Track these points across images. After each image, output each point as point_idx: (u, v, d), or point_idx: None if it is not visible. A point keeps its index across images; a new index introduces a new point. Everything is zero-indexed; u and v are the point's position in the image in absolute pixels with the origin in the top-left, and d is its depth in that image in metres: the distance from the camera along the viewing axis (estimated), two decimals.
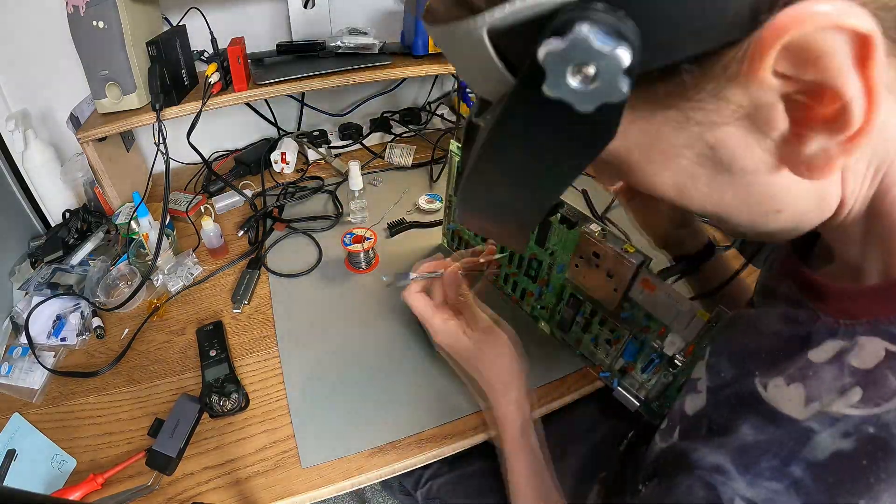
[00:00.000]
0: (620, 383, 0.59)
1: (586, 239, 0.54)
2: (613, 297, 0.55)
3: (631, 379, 0.59)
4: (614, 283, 0.54)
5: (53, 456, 0.55)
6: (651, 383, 0.56)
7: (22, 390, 0.62)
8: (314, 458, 0.55)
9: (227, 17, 0.97)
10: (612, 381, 0.60)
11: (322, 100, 1.15)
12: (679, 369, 0.51)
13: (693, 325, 0.48)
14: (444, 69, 0.98)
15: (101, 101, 0.80)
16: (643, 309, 0.53)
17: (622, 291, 0.53)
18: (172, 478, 0.54)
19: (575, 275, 0.58)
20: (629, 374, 0.58)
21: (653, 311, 0.52)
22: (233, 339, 0.69)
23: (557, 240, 0.60)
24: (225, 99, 0.88)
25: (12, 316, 0.73)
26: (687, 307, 0.48)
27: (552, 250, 0.62)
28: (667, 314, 0.51)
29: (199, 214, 0.87)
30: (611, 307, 0.56)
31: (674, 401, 0.54)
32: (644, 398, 0.57)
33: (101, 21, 0.72)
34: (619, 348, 0.58)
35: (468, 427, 0.59)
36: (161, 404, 0.61)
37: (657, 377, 0.54)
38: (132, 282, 0.76)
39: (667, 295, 0.50)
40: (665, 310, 0.51)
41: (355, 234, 0.78)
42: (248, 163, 1.04)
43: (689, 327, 0.49)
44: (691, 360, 0.50)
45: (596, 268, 0.55)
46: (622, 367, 0.59)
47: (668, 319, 0.51)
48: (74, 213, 0.88)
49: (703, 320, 0.47)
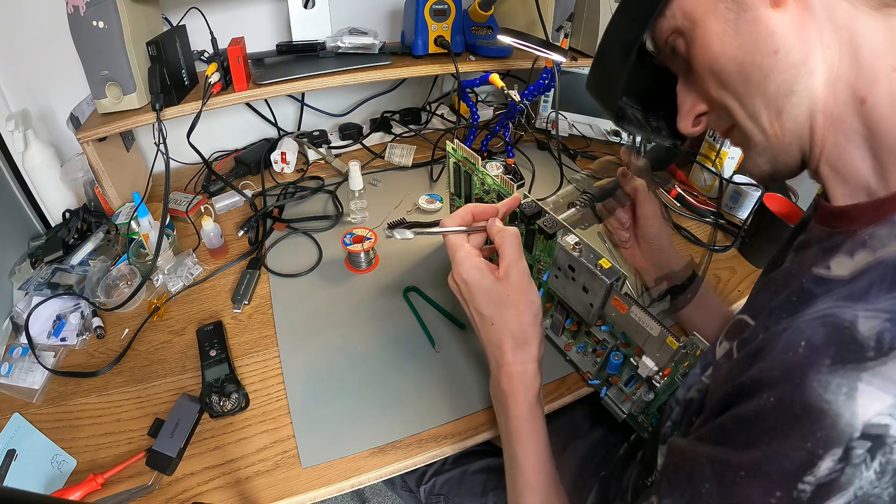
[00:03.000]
0: (608, 393, 0.59)
1: (563, 251, 0.52)
2: (591, 311, 0.53)
3: (617, 390, 0.58)
4: (590, 298, 0.52)
5: (53, 456, 0.55)
6: (635, 397, 0.55)
7: (22, 390, 0.62)
8: (314, 458, 0.55)
9: (227, 17, 0.97)
10: (601, 389, 0.60)
11: (322, 100, 1.15)
12: (659, 389, 0.50)
13: (664, 352, 0.47)
14: (444, 69, 0.98)
15: (101, 101, 0.80)
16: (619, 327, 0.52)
17: (598, 307, 0.52)
18: (172, 478, 0.54)
19: (555, 286, 0.57)
20: (615, 386, 0.58)
21: (626, 331, 0.51)
22: (233, 339, 0.69)
23: (542, 247, 0.60)
24: (225, 99, 0.88)
25: (12, 316, 0.73)
26: (657, 332, 0.47)
27: (539, 258, 0.62)
28: (639, 336, 0.49)
29: (199, 214, 0.87)
30: (590, 321, 0.55)
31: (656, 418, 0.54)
32: (629, 411, 0.57)
33: (101, 21, 0.72)
34: (602, 360, 0.57)
35: (468, 427, 0.59)
36: (161, 404, 0.61)
37: (639, 392, 0.53)
38: (132, 282, 0.76)
39: (637, 317, 0.48)
40: (637, 331, 0.49)
41: (355, 234, 0.78)
42: (248, 163, 1.04)
43: (661, 353, 0.48)
44: (669, 382, 0.49)
45: (573, 280, 0.53)
46: (608, 378, 0.59)
47: (640, 341, 0.50)
48: (74, 213, 0.88)
49: (673, 348, 0.46)
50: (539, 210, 0.56)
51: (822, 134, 0.33)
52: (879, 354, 0.23)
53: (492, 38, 1.01)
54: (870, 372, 0.23)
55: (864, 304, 0.26)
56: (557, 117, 1.07)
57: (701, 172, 1.01)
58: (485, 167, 0.65)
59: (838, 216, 0.34)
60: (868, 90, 0.31)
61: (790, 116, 0.33)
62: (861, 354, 0.23)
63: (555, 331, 0.65)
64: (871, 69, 0.31)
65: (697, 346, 0.44)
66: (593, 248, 0.51)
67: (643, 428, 0.56)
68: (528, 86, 0.96)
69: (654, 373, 0.49)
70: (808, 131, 0.34)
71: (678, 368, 0.47)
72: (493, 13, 0.98)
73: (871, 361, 0.23)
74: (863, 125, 0.31)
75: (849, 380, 0.23)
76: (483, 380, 0.63)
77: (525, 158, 1.09)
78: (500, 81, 0.92)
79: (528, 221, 0.57)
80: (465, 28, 1.02)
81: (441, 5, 0.93)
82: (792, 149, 0.35)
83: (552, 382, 0.63)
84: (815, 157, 0.34)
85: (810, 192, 0.92)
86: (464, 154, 0.67)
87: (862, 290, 0.26)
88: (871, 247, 0.29)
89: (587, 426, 0.70)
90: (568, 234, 0.53)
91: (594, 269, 0.49)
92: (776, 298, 0.33)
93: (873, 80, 0.31)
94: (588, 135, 1.15)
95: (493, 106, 1.28)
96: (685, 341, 0.45)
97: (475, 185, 0.67)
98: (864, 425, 0.22)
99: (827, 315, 0.26)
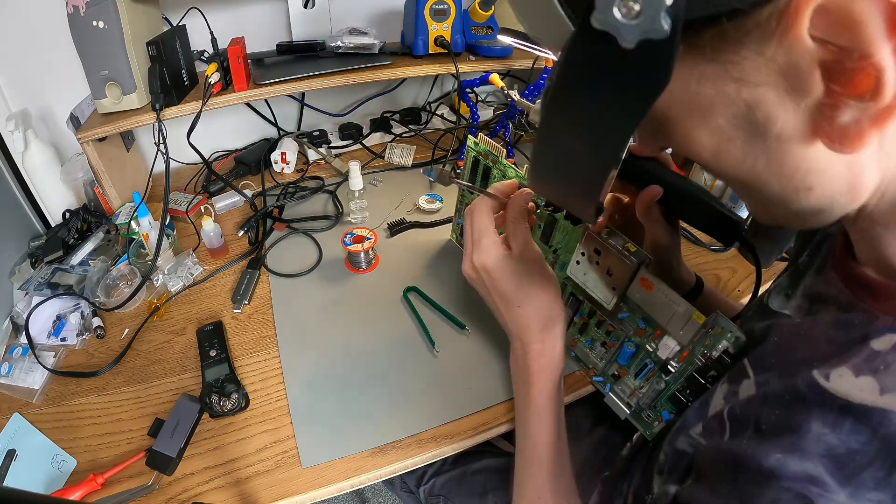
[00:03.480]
0: (612, 389, 0.59)
1: (589, 235, 0.54)
2: (611, 295, 0.55)
3: (623, 385, 0.59)
4: (613, 282, 0.54)
5: (53, 456, 0.55)
6: (643, 390, 0.56)
7: (22, 390, 0.62)
8: (314, 458, 0.55)
9: (227, 17, 0.97)
10: (605, 386, 0.60)
11: (322, 100, 1.15)
12: (672, 376, 0.51)
13: (688, 328, 0.48)
14: (444, 69, 0.98)
15: (101, 101, 0.80)
16: (640, 310, 0.53)
17: (621, 289, 0.53)
18: (172, 478, 0.54)
19: (575, 273, 0.58)
20: (621, 380, 0.58)
21: (650, 312, 0.52)
22: (233, 339, 0.69)
23: (562, 237, 0.61)
24: (225, 99, 0.88)
25: (12, 316, 0.73)
26: (683, 309, 0.48)
27: (556, 248, 0.62)
28: (663, 315, 0.51)
29: (199, 214, 0.87)
30: (609, 307, 0.56)
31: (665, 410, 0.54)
32: (634, 406, 0.57)
33: (101, 21, 0.72)
34: (613, 351, 0.58)
35: (469, 427, 0.59)
36: (161, 404, 0.61)
37: (649, 383, 0.54)
38: (132, 282, 0.76)
39: (664, 295, 0.50)
40: (662, 310, 0.51)
41: (355, 234, 0.78)
42: (248, 163, 1.04)
43: (685, 330, 0.49)
44: (684, 368, 0.50)
45: (596, 265, 0.55)
46: (615, 373, 0.59)
47: (664, 321, 0.51)
48: (74, 213, 0.88)
49: (699, 323, 0.47)
50: None
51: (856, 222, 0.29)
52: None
53: (492, 38, 1.01)
54: None
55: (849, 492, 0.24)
56: None
57: (701, 172, 1.00)
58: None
59: (863, 286, 0.30)
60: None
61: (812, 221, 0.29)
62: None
63: None
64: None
65: (719, 323, 0.45)
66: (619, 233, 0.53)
67: (647, 425, 0.56)
68: (528, 86, 0.96)
69: (674, 354, 0.50)
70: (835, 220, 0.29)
71: (697, 350, 0.48)
72: (493, 13, 0.98)
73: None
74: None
75: None
76: (483, 380, 0.63)
77: (525, 158, 1.09)
78: (500, 81, 0.93)
79: (553, 209, 0.58)
80: (465, 28, 1.02)
81: (441, 5, 0.93)
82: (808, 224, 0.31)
83: None
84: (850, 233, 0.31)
85: None
86: (486, 147, 0.67)
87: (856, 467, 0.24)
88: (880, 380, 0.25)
89: (588, 426, 0.70)
90: None
91: (623, 250, 0.51)
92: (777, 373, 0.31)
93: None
94: None
95: (493, 106, 1.28)
96: (710, 318, 0.45)
97: (494, 178, 0.68)
98: None
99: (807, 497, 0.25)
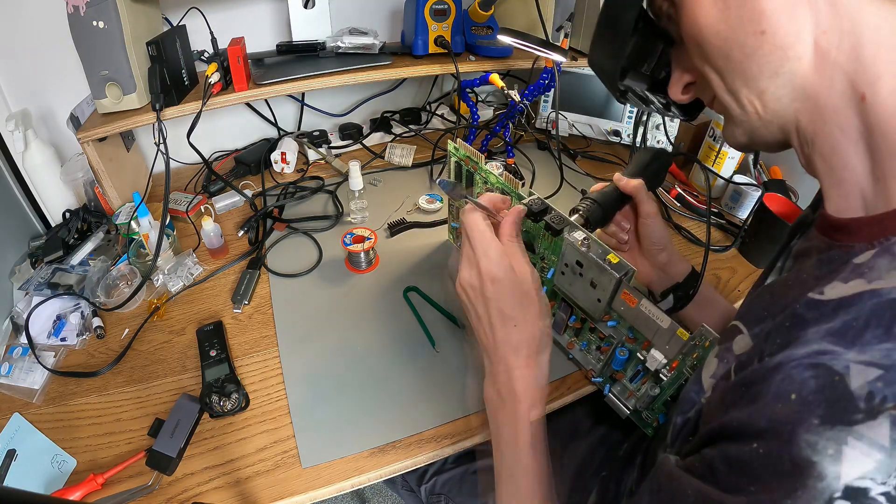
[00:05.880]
0: (611, 389, 0.59)
1: (570, 247, 0.53)
2: (598, 306, 0.54)
3: (621, 387, 0.58)
4: (598, 294, 0.53)
5: (53, 456, 0.55)
6: (640, 392, 0.55)
7: (22, 390, 0.62)
8: (314, 458, 0.55)
9: (227, 17, 0.97)
10: (604, 386, 0.60)
11: (322, 100, 1.15)
12: (665, 383, 0.51)
13: (673, 343, 0.47)
14: (444, 69, 0.98)
15: (101, 101, 0.80)
16: (627, 321, 0.52)
17: (606, 301, 0.52)
18: (172, 478, 0.54)
19: (561, 282, 0.57)
20: (619, 382, 0.58)
21: (635, 325, 0.51)
22: (233, 339, 0.69)
23: (547, 244, 0.60)
24: (225, 99, 0.88)
25: (12, 316, 0.73)
26: (667, 325, 0.47)
27: (542, 255, 0.62)
28: (648, 329, 0.50)
29: (199, 214, 0.87)
30: (597, 316, 0.55)
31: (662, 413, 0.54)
32: (634, 407, 0.57)
33: (101, 21, 0.72)
34: (607, 356, 0.57)
35: (468, 427, 0.59)
36: (161, 404, 0.61)
37: (644, 388, 0.54)
38: (132, 282, 0.76)
39: (647, 310, 0.48)
40: (647, 324, 0.50)
41: (355, 234, 0.78)
42: (248, 163, 1.04)
43: (670, 345, 0.48)
44: (676, 376, 0.49)
45: (580, 276, 0.54)
46: (612, 375, 0.59)
47: (650, 334, 0.50)
48: (74, 213, 0.88)
49: (683, 339, 0.46)
50: (546, 207, 0.56)
51: (811, 120, 0.32)
52: (868, 416, 0.23)
53: (492, 38, 1.01)
54: (856, 434, 0.23)
55: (857, 350, 0.25)
56: (557, 117, 1.07)
57: (701, 172, 1.01)
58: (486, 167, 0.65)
59: (837, 228, 0.33)
60: (869, 87, 0.29)
61: (772, 97, 0.33)
62: (850, 415, 0.23)
63: (557, 329, 0.65)
64: (874, 65, 0.29)
65: (707, 337, 0.44)
66: (601, 243, 0.52)
67: (647, 424, 0.56)
68: (528, 86, 0.96)
69: (662, 366, 0.49)
70: (792, 114, 0.33)
71: (686, 360, 0.47)
72: (493, 13, 0.98)
73: (858, 424, 0.23)
74: (861, 122, 0.30)
75: (836, 441, 0.23)
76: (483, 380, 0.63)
77: (525, 158, 1.09)
78: (500, 81, 0.93)
79: (534, 218, 0.57)
80: (465, 28, 1.02)
81: (441, 5, 0.93)
82: (772, 127, 0.34)
83: (553, 382, 0.63)
84: (806, 144, 0.34)
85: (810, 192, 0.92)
86: (466, 153, 0.66)
87: (857, 331, 0.26)
88: (867, 277, 0.27)
89: (587, 425, 0.70)
90: (575, 231, 0.53)
91: (603, 263, 0.50)
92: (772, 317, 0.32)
93: (875, 77, 0.29)
94: (588, 135, 1.15)
95: (493, 106, 1.28)
96: (695, 332, 0.45)
97: (477, 184, 0.67)
98: (846, 486, 0.23)
99: (818, 363, 0.26)
